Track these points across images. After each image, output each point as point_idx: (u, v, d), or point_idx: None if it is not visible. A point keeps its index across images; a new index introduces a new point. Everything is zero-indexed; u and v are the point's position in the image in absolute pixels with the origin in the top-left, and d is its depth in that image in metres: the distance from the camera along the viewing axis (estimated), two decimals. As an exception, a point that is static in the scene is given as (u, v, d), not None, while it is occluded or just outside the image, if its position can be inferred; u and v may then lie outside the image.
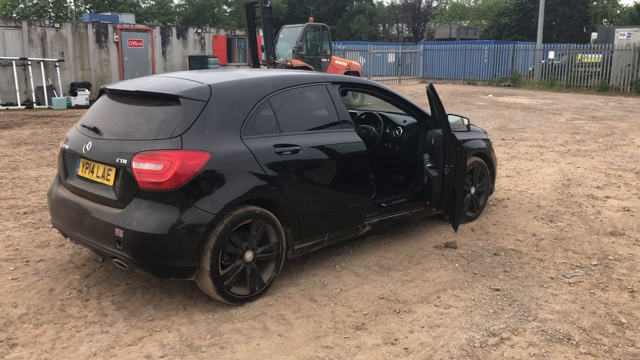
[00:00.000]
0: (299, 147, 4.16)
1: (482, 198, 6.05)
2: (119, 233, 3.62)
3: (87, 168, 4.00)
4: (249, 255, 3.89)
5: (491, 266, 4.73)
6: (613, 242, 5.34)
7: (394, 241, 5.30)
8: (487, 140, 6.10)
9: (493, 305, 4.00)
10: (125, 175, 3.68)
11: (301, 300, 4.05)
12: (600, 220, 6.00)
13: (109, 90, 4.33)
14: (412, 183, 5.60)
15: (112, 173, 3.78)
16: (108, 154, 3.81)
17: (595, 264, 4.79)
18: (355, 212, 4.64)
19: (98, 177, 3.88)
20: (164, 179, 3.56)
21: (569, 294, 4.21)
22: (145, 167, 3.60)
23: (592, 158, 9.41)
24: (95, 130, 4.09)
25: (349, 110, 6.04)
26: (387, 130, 5.71)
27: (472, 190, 5.86)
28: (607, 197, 6.94)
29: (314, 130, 4.42)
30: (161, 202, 3.61)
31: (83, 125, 4.25)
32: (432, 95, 4.89)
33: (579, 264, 4.79)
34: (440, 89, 24.21)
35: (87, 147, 3.98)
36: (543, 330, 3.64)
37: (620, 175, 8.08)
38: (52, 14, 38.61)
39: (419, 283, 4.38)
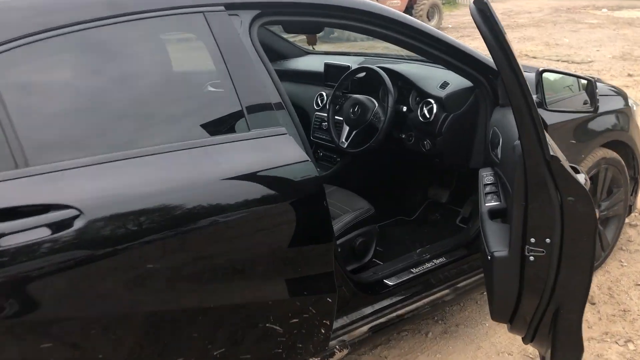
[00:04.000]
0: (78, 211, 1.35)
1: (612, 227, 3.01)
2: None
3: None
4: None
5: None
6: None
7: (418, 344, 2.50)
8: (621, 113, 2.90)
9: None
10: None
11: None
12: None
13: None
14: (465, 209, 2.72)
15: None
16: None
17: None
18: (305, 332, 1.87)
19: None
20: None
21: None
22: None
23: None
24: None
25: (326, 61, 3.14)
26: (404, 109, 2.73)
27: (594, 216, 2.86)
28: None
29: (148, 147, 1.53)
30: None
31: None
32: (483, 23, 1.57)
33: None
34: (540, 4, 19.67)
35: None
36: None
37: None
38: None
39: None
